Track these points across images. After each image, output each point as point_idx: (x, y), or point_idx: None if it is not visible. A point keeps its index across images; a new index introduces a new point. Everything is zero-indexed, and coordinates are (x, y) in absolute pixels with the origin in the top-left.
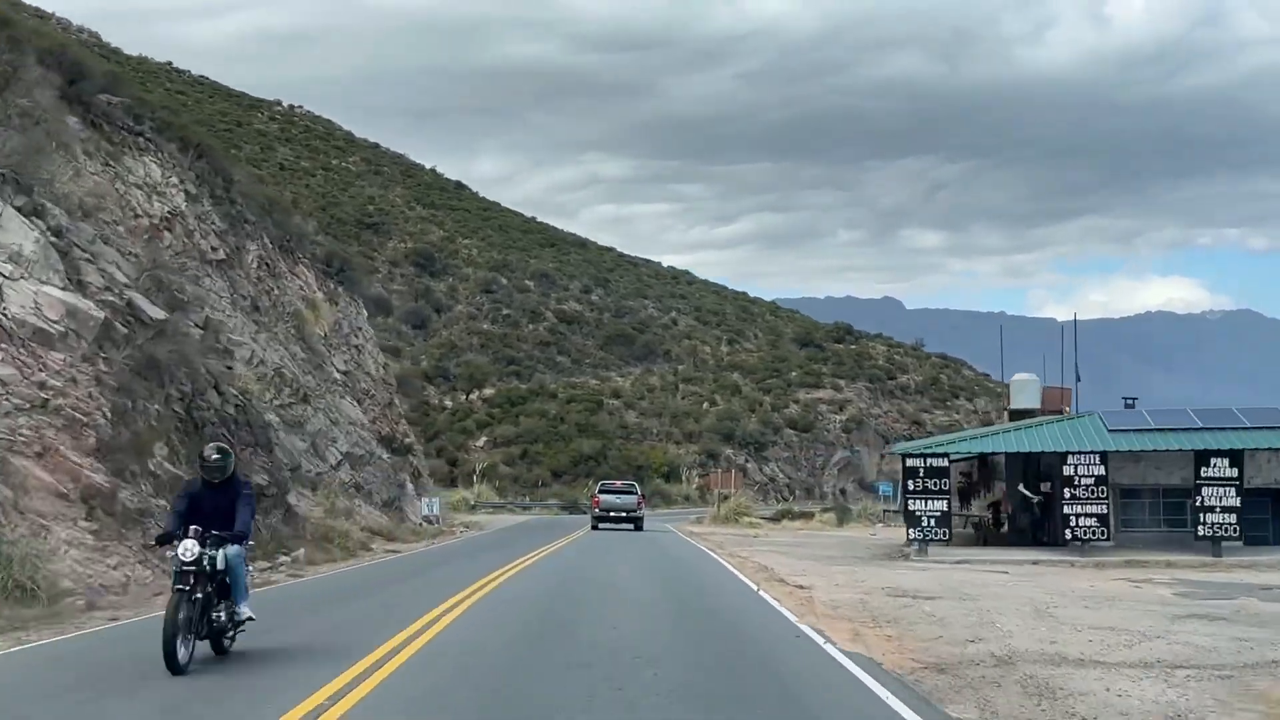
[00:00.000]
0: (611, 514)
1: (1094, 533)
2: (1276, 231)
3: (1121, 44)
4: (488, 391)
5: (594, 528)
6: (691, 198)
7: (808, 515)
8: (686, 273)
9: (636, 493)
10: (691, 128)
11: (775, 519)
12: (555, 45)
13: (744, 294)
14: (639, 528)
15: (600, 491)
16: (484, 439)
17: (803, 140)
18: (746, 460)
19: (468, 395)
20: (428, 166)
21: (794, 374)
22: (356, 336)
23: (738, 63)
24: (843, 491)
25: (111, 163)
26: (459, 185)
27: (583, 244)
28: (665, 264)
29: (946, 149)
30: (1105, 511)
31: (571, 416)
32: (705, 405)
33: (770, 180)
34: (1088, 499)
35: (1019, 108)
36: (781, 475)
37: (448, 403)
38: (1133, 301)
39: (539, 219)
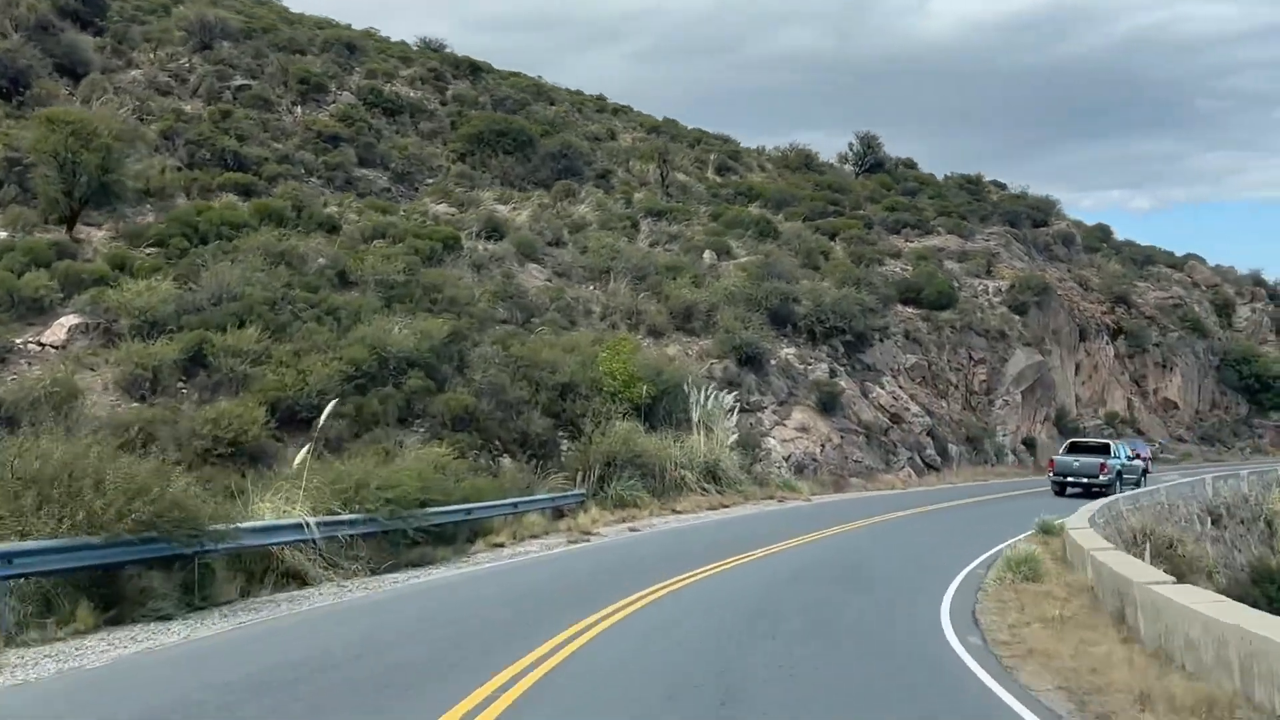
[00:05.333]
0: (1070, 479)
1: None
2: (1157, 192)
3: (1003, 11)
4: (147, 222)
5: (1056, 494)
6: None
7: None
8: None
9: (1108, 451)
10: None
11: None
12: (447, 27)
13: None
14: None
15: (1063, 452)
16: (84, 311)
17: (696, 118)
18: (832, 370)
19: (69, 223)
20: None
21: (871, 210)
22: None
23: (630, 41)
24: (1028, 444)
25: None
26: None
27: (436, 48)
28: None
29: (838, 123)
30: None
31: (375, 266)
32: (707, 259)
33: None
34: None
35: (908, 80)
36: (913, 406)
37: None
38: None
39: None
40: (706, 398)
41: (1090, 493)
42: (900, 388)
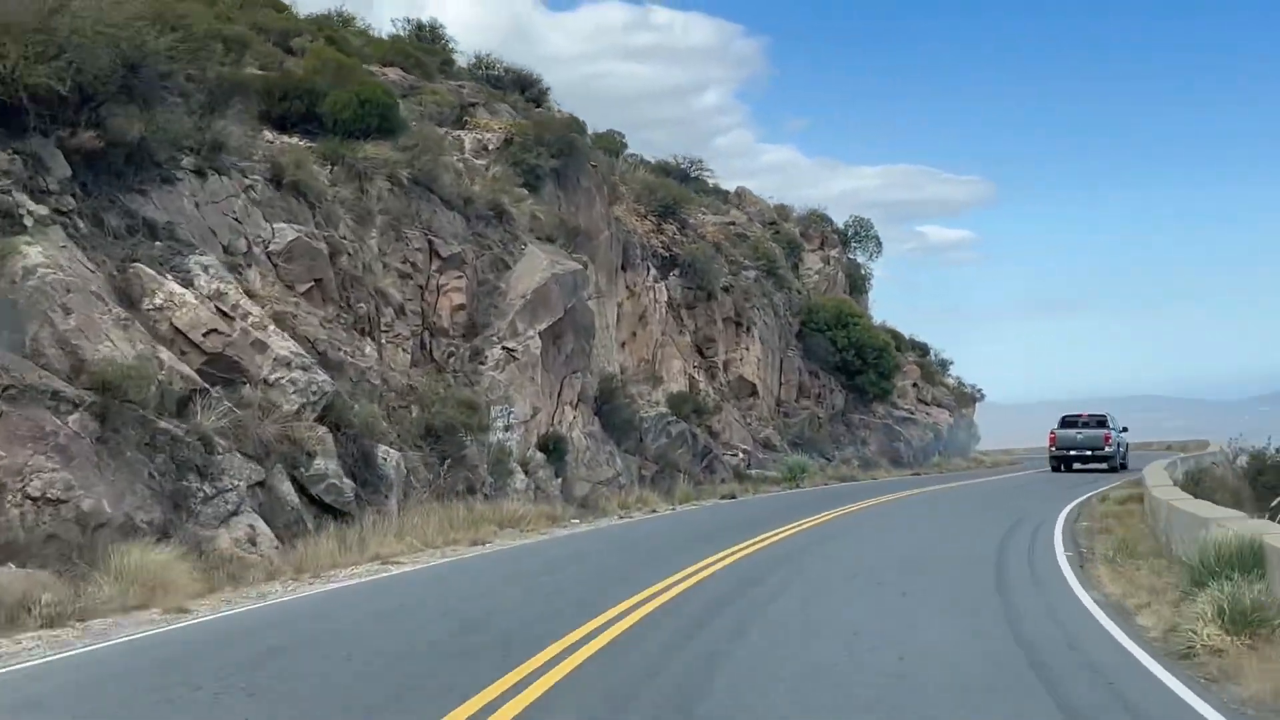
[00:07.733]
0: (1073, 452)
1: None
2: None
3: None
4: None
5: (1054, 470)
6: None
7: None
8: None
9: (1107, 424)
10: None
11: None
12: None
13: None
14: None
15: (1060, 426)
16: None
17: None
18: (10, 214)
19: None
20: None
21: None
22: None
23: None
24: (549, 448)
25: None
26: None
27: None
28: None
29: None
30: None
31: None
32: None
33: None
34: None
35: None
36: (284, 341)
37: None
38: None
39: None
40: None
41: (1090, 462)
42: (247, 293)
